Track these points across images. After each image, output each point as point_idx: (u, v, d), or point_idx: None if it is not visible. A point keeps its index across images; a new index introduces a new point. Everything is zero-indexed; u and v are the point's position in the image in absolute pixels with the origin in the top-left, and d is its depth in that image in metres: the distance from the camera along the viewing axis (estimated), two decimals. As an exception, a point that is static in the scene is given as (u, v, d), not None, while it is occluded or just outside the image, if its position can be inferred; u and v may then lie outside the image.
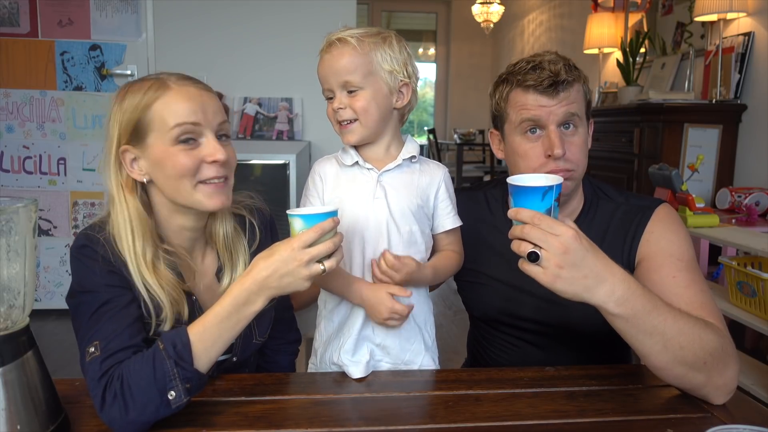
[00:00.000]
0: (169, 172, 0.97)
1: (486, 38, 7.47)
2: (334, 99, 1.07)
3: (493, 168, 6.16)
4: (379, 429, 0.85)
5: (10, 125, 3.14)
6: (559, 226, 0.83)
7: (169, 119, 0.95)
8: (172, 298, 0.97)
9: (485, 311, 1.26)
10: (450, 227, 1.14)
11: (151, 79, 0.99)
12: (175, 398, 0.83)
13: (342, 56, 1.04)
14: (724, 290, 2.24)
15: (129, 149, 0.99)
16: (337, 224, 0.91)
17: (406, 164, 1.11)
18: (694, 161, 2.91)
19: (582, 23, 4.64)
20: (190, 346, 0.86)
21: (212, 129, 0.98)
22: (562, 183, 0.87)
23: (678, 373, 0.91)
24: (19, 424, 0.74)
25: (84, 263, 0.95)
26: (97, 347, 0.87)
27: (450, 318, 3.04)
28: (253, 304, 0.90)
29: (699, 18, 3.16)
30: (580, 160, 1.13)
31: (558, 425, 0.87)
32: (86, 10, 3.09)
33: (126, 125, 0.98)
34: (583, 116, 1.15)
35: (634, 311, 0.86)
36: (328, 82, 1.06)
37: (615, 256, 1.12)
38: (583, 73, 1.17)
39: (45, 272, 3.23)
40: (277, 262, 0.88)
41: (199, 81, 1.02)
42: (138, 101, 0.97)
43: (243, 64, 3.08)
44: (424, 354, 1.12)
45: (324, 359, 1.12)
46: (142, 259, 0.96)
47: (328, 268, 0.90)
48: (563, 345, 1.19)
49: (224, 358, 1.07)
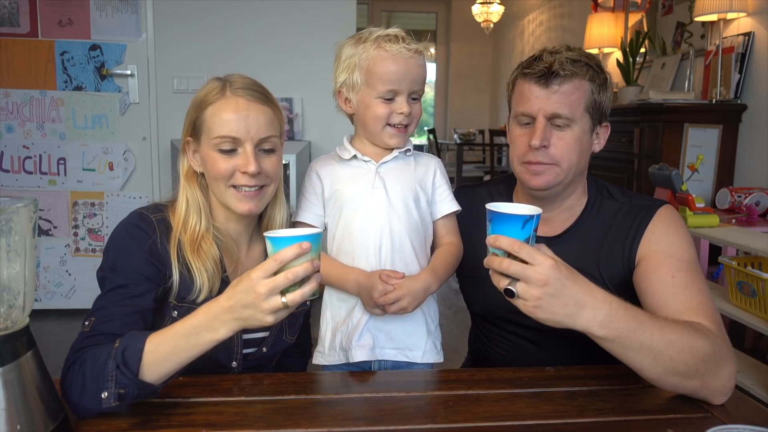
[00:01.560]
0: (210, 172, 1.05)
1: (486, 38, 7.47)
2: (394, 102, 1.10)
3: (493, 168, 6.16)
4: (379, 429, 0.85)
5: (10, 125, 3.13)
6: (539, 256, 0.83)
7: (214, 128, 1.03)
8: (210, 274, 1.03)
9: (485, 307, 1.26)
10: (447, 212, 1.17)
11: (220, 81, 1.06)
12: (107, 398, 0.84)
13: (423, 67, 1.11)
14: (724, 290, 2.24)
15: (190, 141, 1.08)
16: (307, 250, 0.82)
17: (401, 156, 1.16)
18: (694, 161, 2.91)
19: (582, 23, 4.64)
20: (140, 354, 0.85)
21: (252, 142, 1.03)
22: (540, 214, 0.85)
23: (672, 383, 0.92)
24: (19, 424, 0.74)
25: (126, 242, 1.01)
26: (90, 323, 0.94)
27: (450, 318, 3.04)
28: (215, 332, 0.86)
29: (699, 18, 3.16)
30: (565, 158, 1.12)
31: (558, 425, 0.87)
32: (86, 10, 3.09)
33: (190, 119, 1.07)
34: (580, 118, 1.12)
35: (618, 332, 0.87)
36: (399, 84, 1.09)
37: (616, 255, 1.13)
38: (594, 72, 1.12)
39: (45, 272, 3.23)
40: (239, 293, 0.84)
41: (257, 92, 1.05)
42: (200, 101, 1.05)
43: (243, 64, 3.06)
44: (427, 339, 1.15)
45: (333, 345, 1.14)
46: (189, 235, 1.03)
47: (290, 302, 0.82)
48: (563, 342, 1.19)
49: (253, 350, 1.10)
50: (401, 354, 1.14)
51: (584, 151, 1.16)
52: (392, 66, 1.08)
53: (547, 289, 0.82)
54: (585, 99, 1.12)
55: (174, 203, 1.09)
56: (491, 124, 7.81)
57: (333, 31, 3.11)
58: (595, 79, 1.12)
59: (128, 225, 1.03)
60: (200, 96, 1.06)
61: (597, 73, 1.13)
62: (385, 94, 1.09)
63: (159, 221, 1.04)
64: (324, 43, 3.15)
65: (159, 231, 1.03)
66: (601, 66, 1.16)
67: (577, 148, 1.13)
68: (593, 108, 1.14)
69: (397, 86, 1.08)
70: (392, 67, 1.08)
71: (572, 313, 0.85)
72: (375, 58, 1.08)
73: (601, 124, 1.17)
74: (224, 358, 1.08)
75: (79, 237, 3.23)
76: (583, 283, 0.87)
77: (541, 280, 0.82)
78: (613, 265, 1.13)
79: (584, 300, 0.85)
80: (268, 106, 1.06)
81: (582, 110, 1.12)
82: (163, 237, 1.03)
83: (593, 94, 1.13)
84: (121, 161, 3.17)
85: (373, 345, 1.11)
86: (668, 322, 0.92)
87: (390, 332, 1.12)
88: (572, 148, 1.13)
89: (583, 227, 1.18)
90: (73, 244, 3.24)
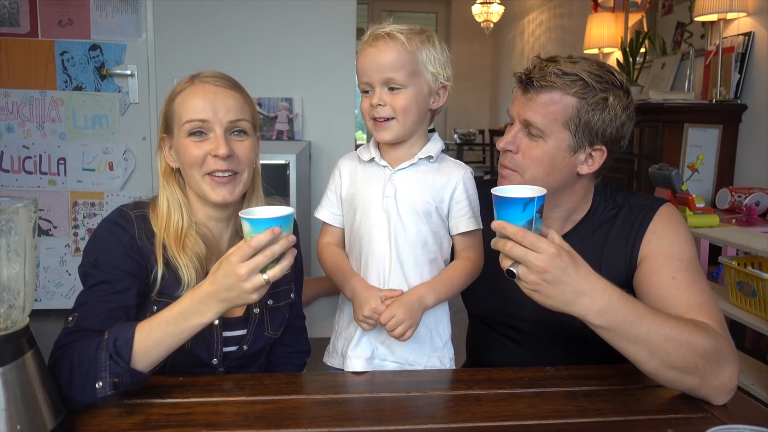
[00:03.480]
0: (183, 160, 1.05)
1: (486, 38, 7.47)
2: (372, 94, 1.05)
3: (493, 168, 6.16)
4: (379, 429, 0.85)
5: (10, 125, 3.13)
6: (542, 244, 0.85)
7: (183, 114, 1.04)
8: (197, 269, 1.04)
9: (484, 308, 1.26)
10: (464, 230, 1.10)
11: (190, 76, 1.08)
12: (101, 388, 0.86)
13: (389, 52, 1.02)
14: (724, 290, 2.24)
15: (165, 138, 1.09)
16: (277, 235, 0.85)
17: (422, 163, 1.09)
18: (694, 161, 2.91)
19: (582, 23, 4.64)
20: (131, 344, 0.88)
21: (221, 125, 1.03)
22: (545, 195, 0.87)
23: (669, 377, 0.92)
24: (19, 424, 0.74)
25: (107, 238, 1.02)
26: (74, 319, 0.95)
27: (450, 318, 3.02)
28: (202, 315, 0.89)
29: (699, 18, 3.16)
30: (529, 169, 1.08)
31: (558, 425, 0.87)
32: (86, 10, 3.09)
33: (162, 115, 1.09)
34: (555, 132, 1.06)
35: (614, 322, 0.89)
36: (368, 75, 1.04)
37: (618, 256, 1.12)
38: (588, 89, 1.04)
39: (45, 272, 3.23)
40: (220, 278, 0.87)
41: (224, 79, 1.07)
42: (169, 95, 1.08)
43: (243, 64, 3.07)
44: (431, 355, 1.11)
45: (336, 348, 1.14)
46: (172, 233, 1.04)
47: (272, 278, 0.86)
48: (561, 346, 1.19)
49: (234, 348, 1.09)
50: (401, 368, 1.11)
51: (557, 169, 1.09)
52: (360, 59, 1.05)
53: (545, 276, 0.85)
54: (565, 114, 1.05)
55: (155, 200, 1.10)
56: (491, 124, 7.81)
57: (333, 32, 3.11)
58: (586, 96, 1.05)
59: (109, 222, 1.05)
60: (169, 92, 1.08)
61: (592, 91, 1.05)
62: (363, 86, 1.06)
63: (138, 217, 1.06)
64: (324, 44, 3.17)
65: (138, 227, 1.04)
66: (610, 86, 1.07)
67: (546, 162, 1.08)
68: (578, 126, 1.06)
69: (366, 77, 1.04)
70: (360, 60, 1.05)
71: (569, 301, 0.87)
72: (359, 53, 1.07)
73: (593, 146, 1.09)
74: (205, 354, 1.07)
75: (79, 237, 3.23)
76: (585, 271, 0.88)
77: (541, 267, 0.84)
78: (616, 266, 1.12)
79: (583, 289, 0.87)
80: (236, 91, 1.07)
81: (559, 125, 1.06)
82: (142, 233, 1.04)
83: (580, 112, 1.05)
84: (121, 161, 3.17)
85: (371, 356, 1.08)
86: (669, 318, 0.92)
87: (391, 345, 1.09)
88: (538, 161, 1.07)
89: (582, 231, 1.17)
90: (73, 244, 3.24)
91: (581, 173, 1.11)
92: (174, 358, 1.05)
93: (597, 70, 1.07)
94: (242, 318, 1.11)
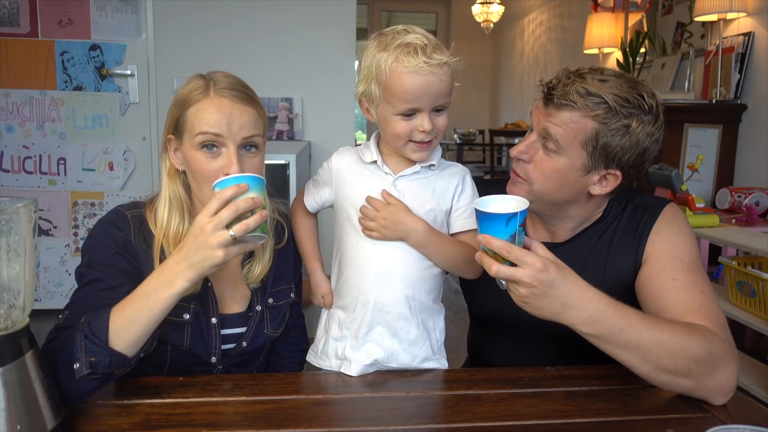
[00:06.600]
0: (193, 173, 1.05)
1: (486, 38, 7.46)
2: (419, 118, 1.00)
3: (493, 168, 6.16)
4: (380, 429, 0.85)
5: (10, 125, 3.13)
6: (528, 258, 0.86)
7: (196, 125, 1.02)
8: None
9: (484, 309, 1.26)
10: (460, 230, 1.09)
11: (203, 79, 1.06)
12: (79, 369, 0.85)
13: (447, 80, 1.00)
14: (724, 290, 2.24)
15: (172, 139, 1.08)
16: (244, 189, 0.88)
17: (423, 170, 1.08)
18: (694, 161, 2.91)
19: (582, 23, 4.63)
20: (107, 323, 0.87)
21: (235, 142, 1.02)
22: (527, 208, 0.88)
23: (663, 380, 0.93)
24: (19, 424, 0.74)
25: (101, 238, 1.03)
26: (64, 316, 0.96)
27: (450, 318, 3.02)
28: (172, 285, 0.88)
29: (699, 18, 3.16)
30: (538, 182, 1.08)
31: (558, 425, 0.87)
32: (86, 10, 3.09)
33: (172, 117, 1.07)
34: (571, 150, 1.04)
35: (603, 330, 0.90)
36: (419, 102, 0.99)
37: (623, 257, 1.12)
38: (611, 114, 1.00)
39: (45, 272, 3.23)
40: (189, 240, 0.89)
41: (240, 92, 1.05)
42: (183, 98, 1.05)
43: (243, 64, 3.06)
44: (429, 359, 1.10)
45: (326, 351, 1.11)
46: (171, 237, 1.04)
47: (236, 232, 0.86)
48: (561, 346, 1.19)
49: (233, 345, 1.10)
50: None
51: (567, 186, 1.08)
52: (409, 84, 0.97)
53: (533, 290, 0.87)
54: (584, 135, 1.03)
55: (154, 201, 1.09)
56: (491, 124, 7.80)
57: (333, 32, 3.12)
58: (607, 121, 1.01)
59: (104, 222, 1.06)
60: (183, 94, 1.05)
61: (615, 116, 1.01)
62: (405, 111, 1.00)
63: (134, 217, 1.06)
64: (324, 44, 3.17)
65: (133, 227, 1.04)
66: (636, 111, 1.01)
67: (557, 178, 1.07)
68: (594, 148, 1.03)
69: (417, 104, 0.99)
70: (409, 86, 0.97)
71: (557, 312, 0.90)
72: (392, 73, 0.98)
73: (608, 169, 1.06)
74: (203, 352, 1.07)
75: (79, 237, 3.23)
76: (573, 282, 0.90)
77: (528, 282, 0.86)
78: (622, 267, 1.12)
79: (571, 300, 0.89)
80: (251, 106, 1.06)
81: (577, 143, 1.04)
82: (138, 233, 1.04)
83: (599, 135, 1.02)
84: (121, 161, 3.17)
85: (370, 363, 1.07)
86: (662, 322, 0.93)
87: (391, 350, 1.08)
88: (549, 176, 1.07)
89: (593, 232, 1.17)
90: (73, 244, 3.24)
91: (593, 193, 1.10)
92: (172, 357, 1.06)
93: (626, 92, 1.02)
94: (242, 315, 1.12)
